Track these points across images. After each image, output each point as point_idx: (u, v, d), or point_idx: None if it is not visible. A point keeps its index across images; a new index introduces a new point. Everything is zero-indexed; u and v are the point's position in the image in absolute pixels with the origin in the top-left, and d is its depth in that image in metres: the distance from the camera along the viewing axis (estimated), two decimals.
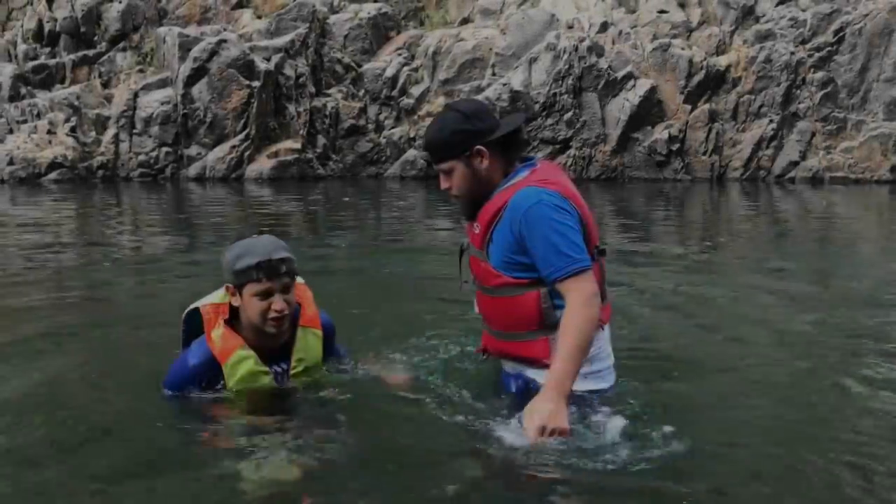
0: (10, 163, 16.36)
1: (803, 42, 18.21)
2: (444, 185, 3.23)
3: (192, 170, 17.15)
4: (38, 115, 17.10)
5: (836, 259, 8.17)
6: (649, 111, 17.95)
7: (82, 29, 18.25)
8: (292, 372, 3.31)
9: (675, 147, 17.97)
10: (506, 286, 3.13)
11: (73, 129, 17.01)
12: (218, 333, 3.22)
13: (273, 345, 3.27)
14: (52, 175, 16.32)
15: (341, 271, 7.12)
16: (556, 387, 2.84)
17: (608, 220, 11.23)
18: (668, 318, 5.20)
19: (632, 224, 11.16)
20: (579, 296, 2.93)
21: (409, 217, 11.94)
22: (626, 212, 12.73)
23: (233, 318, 3.28)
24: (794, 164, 18.23)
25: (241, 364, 3.20)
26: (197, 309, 3.32)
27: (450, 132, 3.14)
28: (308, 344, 3.36)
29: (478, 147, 3.12)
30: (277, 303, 3.13)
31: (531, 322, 3.12)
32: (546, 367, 2.98)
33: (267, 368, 3.26)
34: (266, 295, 3.12)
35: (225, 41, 17.05)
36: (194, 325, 3.34)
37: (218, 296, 3.33)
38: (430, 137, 3.21)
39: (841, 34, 18.05)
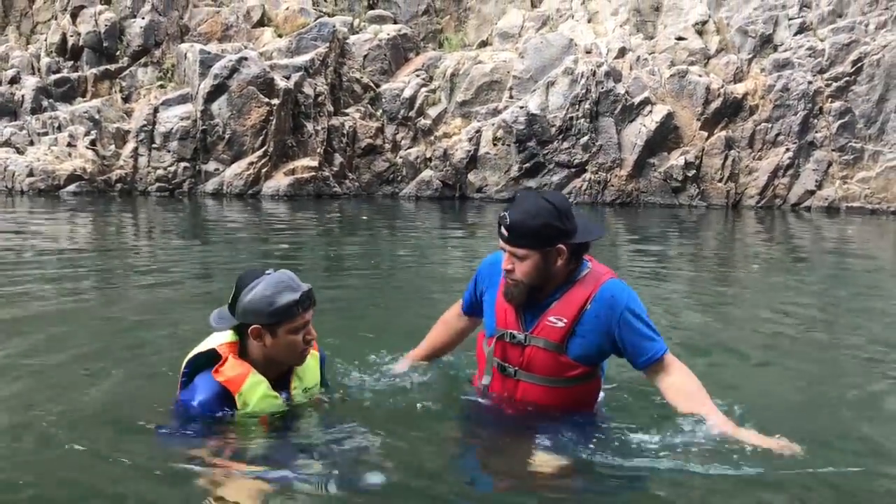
0: (30, 174, 16.51)
1: (821, 71, 18.22)
2: (507, 265, 3.25)
3: (210, 185, 17.26)
4: (59, 128, 17.28)
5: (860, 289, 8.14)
6: (666, 137, 17.98)
7: (105, 43, 18.45)
8: (293, 390, 3.31)
9: (690, 173, 17.97)
10: (582, 376, 3.29)
11: (92, 143, 17.16)
12: (228, 364, 3.17)
13: (276, 375, 3.27)
14: (71, 187, 16.45)
15: (355, 291, 7.15)
16: (734, 428, 3.18)
17: (624, 244, 11.23)
18: (687, 336, 5.19)
19: (650, 249, 11.16)
20: (682, 365, 3.33)
21: (427, 237, 11.98)
22: (643, 236, 12.72)
23: (241, 356, 3.24)
24: (811, 193, 18.19)
25: (254, 389, 3.16)
26: (200, 353, 3.23)
27: (542, 223, 3.17)
28: (306, 368, 3.37)
29: (560, 245, 3.19)
30: (311, 331, 3.15)
31: (590, 401, 3.44)
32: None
33: (277, 395, 3.25)
34: (302, 328, 3.13)
35: (245, 59, 17.21)
36: (197, 367, 3.26)
37: (223, 337, 3.25)
38: (520, 221, 3.18)
39: (859, 64, 18.05)
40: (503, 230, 3.22)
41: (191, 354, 3.28)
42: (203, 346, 3.27)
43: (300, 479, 2.83)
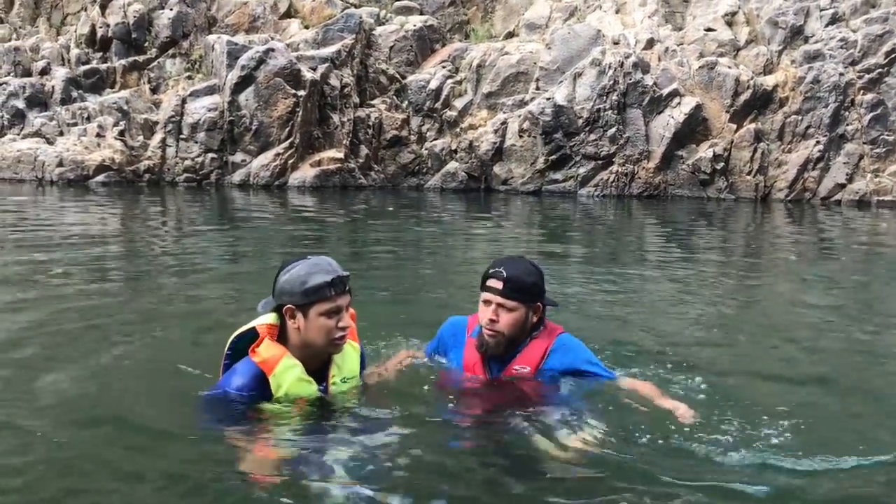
0: (60, 164, 16.68)
1: (853, 63, 17.95)
2: (492, 316, 3.62)
3: (237, 176, 17.34)
4: (88, 119, 17.43)
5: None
6: (694, 129, 17.80)
7: (133, 35, 18.58)
8: (331, 382, 3.30)
9: (719, 166, 17.78)
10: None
11: (121, 133, 17.30)
12: (264, 345, 3.18)
13: (315, 365, 3.26)
14: (100, 178, 16.60)
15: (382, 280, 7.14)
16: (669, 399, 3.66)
17: (652, 238, 11.14)
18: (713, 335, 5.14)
19: (680, 241, 11.06)
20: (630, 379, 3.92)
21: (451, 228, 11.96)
22: (672, 229, 12.62)
23: (280, 341, 3.25)
24: (841, 186, 17.95)
25: (288, 372, 3.16)
26: (243, 333, 3.25)
27: (534, 282, 3.67)
28: (346, 358, 3.36)
29: (539, 303, 3.68)
30: (344, 319, 3.13)
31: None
32: None
33: (312, 380, 3.24)
34: (335, 312, 3.11)
35: (272, 50, 17.25)
36: (238, 350, 3.28)
37: (264, 319, 3.27)
38: (516, 277, 3.61)
39: (892, 55, 17.77)
40: (497, 283, 3.61)
41: (233, 336, 3.30)
42: (245, 327, 3.29)
43: (328, 469, 2.81)
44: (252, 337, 3.23)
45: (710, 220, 14.42)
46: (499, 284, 3.61)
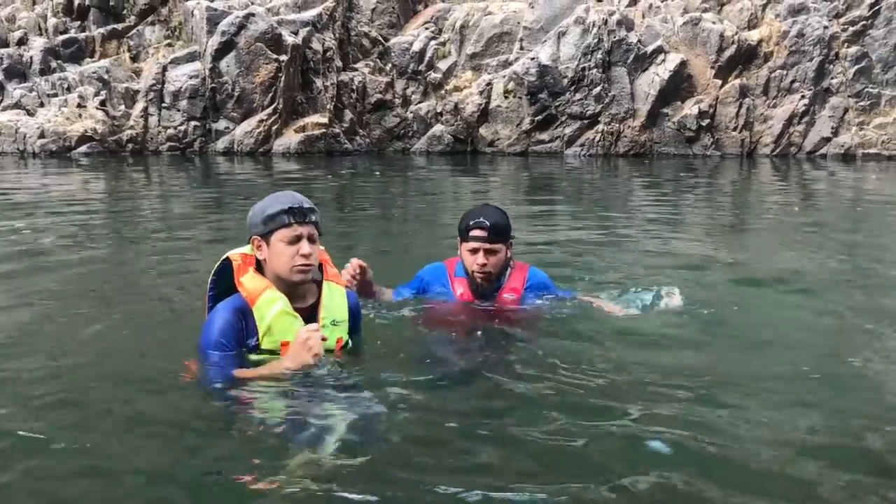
0: (41, 136, 16.51)
1: (837, 16, 17.90)
2: (482, 261, 4.04)
3: (221, 144, 17.22)
4: (69, 89, 17.23)
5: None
6: (679, 86, 17.76)
7: (111, 3, 18.32)
8: (322, 324, 3.29)
9: (704, 122, 17.78)
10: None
11: (102, 103, 17.12)
12: (247, 276, 3.22)
13: (300, 303, 3.26)
14: (83, 148, 16.45)
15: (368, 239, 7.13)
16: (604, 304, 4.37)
17: (639, 196, 11.13)
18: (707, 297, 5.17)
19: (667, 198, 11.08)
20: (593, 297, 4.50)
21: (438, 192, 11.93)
22: (656, 191, 12.63)
23: (259, 272, 3.28)
24: (826, 140, 17.99)
25: (271, 304, 3.16)
26: (227, 259, 3.29)
27: (507, 220, 4.11)
28: (334, 299, 3.37)
29: (511, 240, 4.15)
30: (305, 247, 3.15)
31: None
32: None
33: (297, 315, 3.23)
34: (295, 240, 3.15)
35: (253, 15, 17.05)
36: (223, 284, 3.30)
37: (241, 250, 3.33)
38: (497, 219, 4.04)
39: (876, 8, 17.73)
40: (481, 232, 4.00)
41: (212, 273, 3.34)
42: (219, 263, 3.33)
43: (318, 439, 2.76)
44: (227, 267, 3.28)
45: (696, 174, 14.42)
46: (483, 233, 4.01)
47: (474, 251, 4.04)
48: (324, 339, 3.14)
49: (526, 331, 4.05)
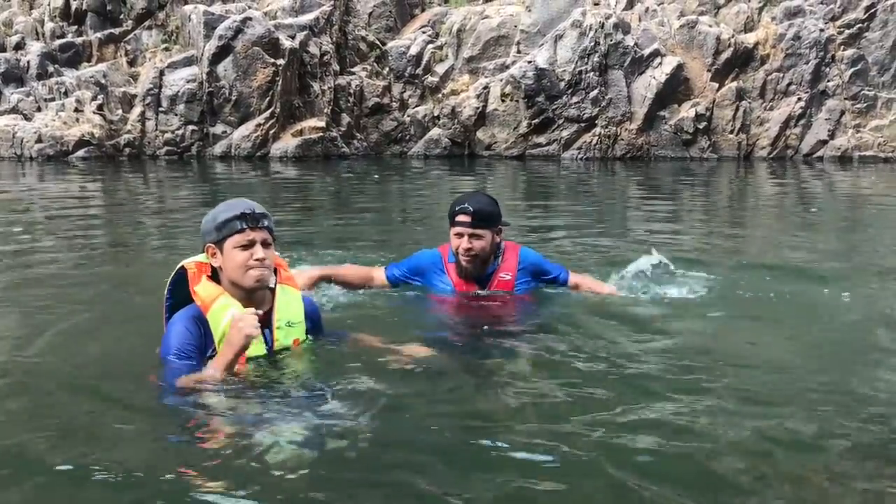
0: (39, 140, 16.50)
1: (833, 19, 17.94)
2: (466, 245, 4.30)
3: (218, 148, 17.22)
4: (66, 93, 17.22)
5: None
6: (676, 89, 17.78)
7: (108, 7, 18.32)
8: (276, 326, 3.30)
9: (701, 125, 17.80)
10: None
11: (100, 108, 17.11)
12: (200, 285, 3.22)
13: (255, 308, 3.23)
14: (80, 153, 16.44)
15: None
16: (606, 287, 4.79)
17: (636, 200, 11.15)
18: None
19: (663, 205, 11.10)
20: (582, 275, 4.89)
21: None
22: (655, 191, 12.64)
23: (214, 281, 3.27)
24: (823, 142, 18.02)
25: (224, 310, 3.14)
26: (182, 269, 3.28)
27: (494, 207, 4.37)
28: (288, 301, 3.38)
29: (500, 226, 4.42)
30: (259, 251, 3.16)
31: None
32: None
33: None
34: (249, 245, 3.16)
35: (250, 19, 17.05)
36: (180, 294, 3.28)
37: (195, 258, 3.33)
38: (481, 206, 4.30)
39: (872, 10, 17.77)
40: (465, 217, 4.26)
41: (168, 284, 3.32)
42: (172, 274, 3.33)
43: (281, 426, 2.74)
44: (182, 276, 3.27)
45: (694, 179, 14.45)
46: (467, 218, 4.30)
47: (459, 235, 4.33)
48: (261, 321, 3.12)
49: (519, 323, 4.22)
